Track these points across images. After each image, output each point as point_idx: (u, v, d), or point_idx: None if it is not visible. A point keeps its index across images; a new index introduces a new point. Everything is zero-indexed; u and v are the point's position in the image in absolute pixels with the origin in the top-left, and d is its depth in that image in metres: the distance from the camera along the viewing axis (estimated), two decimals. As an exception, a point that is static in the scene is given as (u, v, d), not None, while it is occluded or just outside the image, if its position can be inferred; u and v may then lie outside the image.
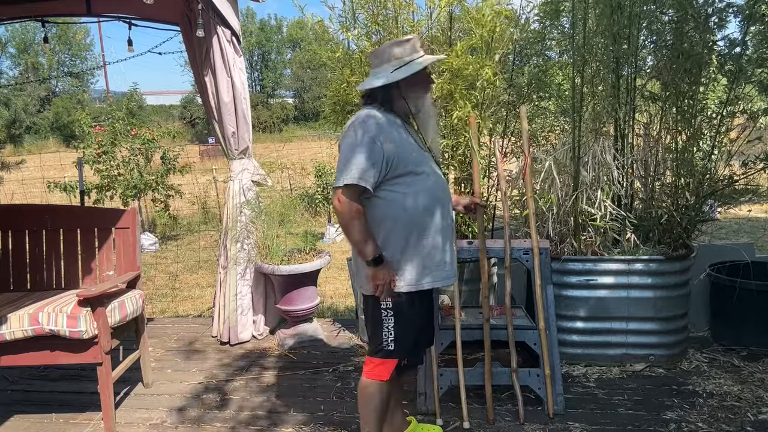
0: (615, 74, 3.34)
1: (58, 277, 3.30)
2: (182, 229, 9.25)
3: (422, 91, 2.22)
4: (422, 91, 2.21)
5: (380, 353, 2.21)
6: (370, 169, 2.06)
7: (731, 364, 3.25)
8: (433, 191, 2.19)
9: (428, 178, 2.18)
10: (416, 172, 2.15)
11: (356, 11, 3.51)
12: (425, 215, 2.18)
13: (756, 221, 6.99)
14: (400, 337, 2.20)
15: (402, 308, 2.19)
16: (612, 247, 3.30)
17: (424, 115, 2.23)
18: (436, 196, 2.20)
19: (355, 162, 2.05)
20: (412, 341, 2.25)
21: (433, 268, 2.20)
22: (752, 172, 3.28)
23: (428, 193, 2.18)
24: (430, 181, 2.18)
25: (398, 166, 2.11)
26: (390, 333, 2.19)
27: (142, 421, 2.90)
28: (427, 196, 2.17)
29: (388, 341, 2.19)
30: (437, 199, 2.20)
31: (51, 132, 33.02)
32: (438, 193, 2.22)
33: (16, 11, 4.02)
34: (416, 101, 2.20)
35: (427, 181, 2.18)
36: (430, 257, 2.19)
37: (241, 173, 3.81)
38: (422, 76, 2.21)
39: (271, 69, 43.98)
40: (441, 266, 2.22)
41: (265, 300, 3.98)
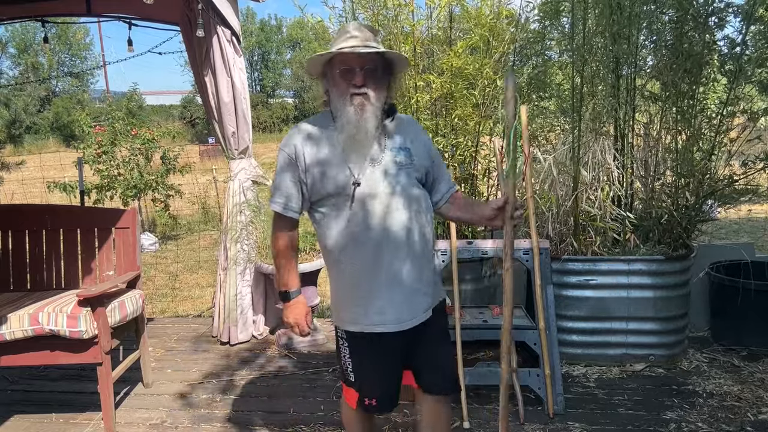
0: (615, 74, 3.34)
1: (58, 277, 3.30)
2: (182, 229, 9.25)
3: (336, 92, 1.81)
4: (337, 93, 1.81)
5: (343, 379, 2.02)
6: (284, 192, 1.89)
7: (731, 364, 3.25)
8: (354, 225, 1.82)
9: (349, 206, 1.81)
10: (338, 197, 1.82)
11: (356, 11, 3.51)
12: (340, 253, 1.86)
13: (756, 221, 6.98)
14: (358, 370, 1.95)
15: (351, 342, 1.95)
16: (612, 247, 3.30)
17: (340, 124, 1.80)
18: (357, 231, 1.81)
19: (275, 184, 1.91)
20: (373, 379, 1.95)
21: (359, 312, 1.88)
22: (752, 172, 3.28)
23: (346, 227, 1.83)
24: (351, 211, 1.81)
25: (316, 188, 1.85)
26: (347, 362, 1.96)
27: (142, 421, 2.90)
28: (344, 230, 1.83)
29: (348, 370, 1.97)
30: (359, 235, 1.82)
31: (51, 132, 33.00)
32: (360, 229, 1.81)
33: (16, 11, 4.01)
34: (334, 103, 1.84)
35: (347, 210, 1.82)
36: (354, 300, 1.89)
37: (240, 173, 3.81)
38: (333, 75, 1.82)
39: (271, 69, 43.96)
40: (368, 314, 1.86)
41: (265, 300, 3.98)
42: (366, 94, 1.78)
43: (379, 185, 1.82)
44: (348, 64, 1.78)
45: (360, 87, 1.77)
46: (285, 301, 1.96)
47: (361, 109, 1.78)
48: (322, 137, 1.86)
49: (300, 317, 1.95)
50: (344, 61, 1.79)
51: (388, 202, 1.82)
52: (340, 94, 1.80)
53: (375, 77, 1.80)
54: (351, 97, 1.78)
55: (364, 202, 1.81)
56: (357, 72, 1.77)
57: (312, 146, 1.85)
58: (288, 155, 1.86)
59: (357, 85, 1.77)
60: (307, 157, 1.84)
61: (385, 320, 1.86)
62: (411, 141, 1.91)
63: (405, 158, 1.87)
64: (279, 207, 1.89)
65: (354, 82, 1.77)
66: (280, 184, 1.89)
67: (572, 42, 3.31)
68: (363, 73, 1.78)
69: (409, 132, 1.94)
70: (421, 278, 1.89)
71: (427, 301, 1.92)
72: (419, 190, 1.90)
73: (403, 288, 1.85)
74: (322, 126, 1.89)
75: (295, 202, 1.89)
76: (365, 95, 1.78)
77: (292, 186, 1.87)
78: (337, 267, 1.89)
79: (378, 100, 1.81)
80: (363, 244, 1.82)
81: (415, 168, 1.89)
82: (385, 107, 1.85)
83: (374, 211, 1.81)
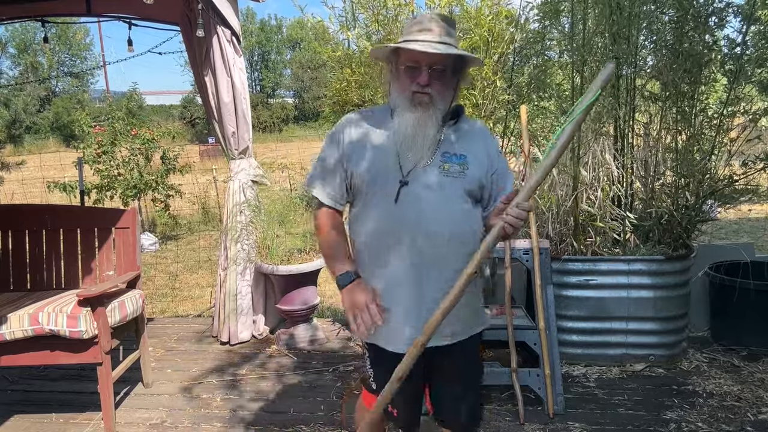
0: (615, 74, 3.34)
1: (58, 277, 3.30)
2: (182, 229, 9.25)
3: (398, 87, 1.68)
4: (398, 88, 1.68)
5: (365, 384, 1.94)
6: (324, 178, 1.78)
7: (731, 364, 3.25)
8: (386, 228, 1.68)
9: (385, 200, 1.67)
10: (374, 190, 1.70)
11: (356, 11, 3.51)
12: (368, 257, 1.74)
13: (756, 221, 6.98)
14: (378, 381, 1.83)
15: (371, 353, 1.83)
16: (612, 247, 3.30)
17: (398, 122, 1.67)
18: (388, 237, 1.67)
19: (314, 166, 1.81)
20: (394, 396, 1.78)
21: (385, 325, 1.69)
22: (752, 172, 3.28)
23: (376, 229, 1.70)
24: (385, 213, 1.68)
25: (357, 178, 1.73)
26: (369, 370, 1.87)
27: (142, 421, 2.90)
28: (375, 232, 1.71)
29: (370, 378, 1.87)
30: (390, 242, 1.67)
31: (51, 132, 33.02)
32: (392, 235, 1.67)
33: (16, 11, 4.01)
34: (393, 98, 1.71)
35: (381, 211, 1.69)
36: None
37: (240, 173, 3.81)
38: (398, 69, 1.68)
39: (271, 69, 43.98)
40: (385, 331, 1.70)
41: (265, 300, 3.98)
42: (430, 95, 1.63)
43: (420, 192, 1.66)
44: (415, 61, 1.62)
45: (424, 87, 1.62)
46: (341, 288, 1.71)
47: (422, 110, 1.64)
48: (374, 130, 1.73)
49: (361, 302, 1.65)
50: (411, 56, 1.62)
51: (426, 212, 1.66)
52: (402, 90, 1.66)
53: (443, 78, 1.65)
54: (413, 95, 1.64)
55: (402, 206, 1.66)
56: (423, 70, 1.62)
57: (361, 137, 1.73)
58: (335, 142, 1.75)
59: (421, 84, 1.62)
60: (354, 147, 1.72)
61: (397, 340, 1.71)
62: (469, 150, 1.73)
63: (456, 167, 1.69)
64: (320, 194, 1.77)
65: (418, 81, 1.62)
66: (321, 170, 1.77)
67: (572, 42, 3.32)
68: (430, 72, 1.62)
69: (471, 139, 1.75)
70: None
71: (455, 327, 1.73)
72: (467, 204, 1.71)
73: (427, 308, 1.64)
74: (378, 119, 1.75)
75: (336, 190, 1.76)
76: (429, 96, 1.63)
77: (334, 174, 1.75)
78: (363, 271, 1.75)
79: (442, 102, 1.66)
80: (392, 253, 1.68)
81: (466, 180, 1.69)
82: (449, 109, 1.70)
83: (409, 219, 1.66)
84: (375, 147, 1.71)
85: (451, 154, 1.70)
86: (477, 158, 1.72)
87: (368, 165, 1.70)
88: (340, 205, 1.78)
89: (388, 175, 1.68)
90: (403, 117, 1.65)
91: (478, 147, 1.75)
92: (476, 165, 1.72)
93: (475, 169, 1.71)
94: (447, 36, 1.64)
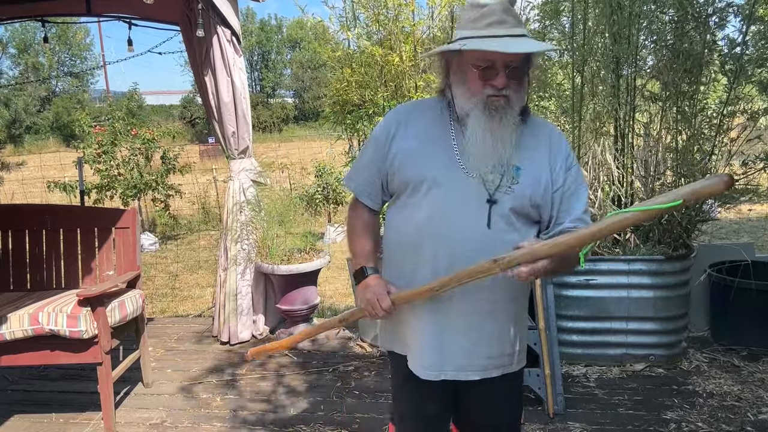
0: (615, 74, 3.34)
1: (58, 277, 3.30)
2: (182, 229, 9.25)
3: (466, 90, 1.44)
4: (466, 91, 1.44)
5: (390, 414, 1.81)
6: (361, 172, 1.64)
7: (731, 364, 3.25)
8: (417, 236, 1.49)
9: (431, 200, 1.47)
10: (418, 190, 1.49)
11: (357, 11, 3.51)
12: (399, 258, 1.57)
13: (756, 221, 6.98)
14: (396, 402, 1.74)
15: (392, 361, 1.70)
16: (612, 247, 3.30)
17: (472, 131, 1.43)
18: (426, 233, 1.48)
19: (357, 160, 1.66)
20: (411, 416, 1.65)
21: (404, 337, 1.59)
22: (752, 172, 3.28)
23: (409, 238, 1.52)
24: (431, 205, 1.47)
25: (396, 177, 1.54)
26: (391, 385, 1.75)
27: (142, 421, 2.90)
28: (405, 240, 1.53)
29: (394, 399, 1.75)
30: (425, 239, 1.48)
31: (51, 132, 33.02)
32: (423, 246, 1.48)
33: (16, 11, 4.01)
34: (460, 102, 1.46)
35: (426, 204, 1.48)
36: (402, 323, 1.59)
37: (240, 173, 3.81)
38: (463, 67, 1.43)
39: (271, 69, 43.98)
40: (413, 346, 1.55)
41: (265, 300, 3.98)
42: (507, 97, 1.41)
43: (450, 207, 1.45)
44: (489, 61, 1.38)
45: (501, 89, 1.40)
46: (358, 282, 1.60)
47: (499, 115, 1.41)
48: (432, 127, 1.52)
49: (372, 296, 1.52)
50: (484, 55, 1.38)
51: (461, 234, 1.44)
52: (473, 95, 1.42)
53: (519, 76, 1.44)
54: (487, 99, 1.41)
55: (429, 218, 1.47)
56: (500, 71, 1.39)
57: (414, 131, 1.52)
58: (380, 135, 1.56)
59: (498, 88, 1.40)
60: (404, 143, 1.52)
61: (423, 364, 1.53)
62: (525, 158, 1.46)
63: (503, 180, 1.43)
64: (355, 187, 1.63)
65: (494, 83, 1.40)
66: (360, 164, 1.63)
67: (572, 42, 3.31)
68: (507, 72, 1.40)
69: (531, 146, 1.49)
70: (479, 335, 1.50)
71: (487, 362, 1.53)
72: (511, 230, 1.45)
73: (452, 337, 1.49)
74: (435, 115, 1.53)
75: (373, 188, 1.61)
76: (506, 99, 1.41)
77: (373, 170, 1.58)
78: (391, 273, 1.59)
79: (518, 104, 1.45)
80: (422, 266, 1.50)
81: (514, 196, 1.44)
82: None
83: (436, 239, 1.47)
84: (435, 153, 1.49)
85: (499, 164, 1.45)
86: (533, 172, 1.46)
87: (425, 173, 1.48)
88: (374, 205, 1.64)
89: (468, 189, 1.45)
90: (478, 123, 1.42)
91: (538, 157, 1.48)
92: (530, 180, 1.45)
93: (527, 185, 1.45)
94: (520, 26, 1.40)
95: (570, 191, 1.48)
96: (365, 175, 1.61)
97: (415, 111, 1.58)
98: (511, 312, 1.54)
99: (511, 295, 1.52)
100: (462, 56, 1.43)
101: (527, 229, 1.48)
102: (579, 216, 1.46)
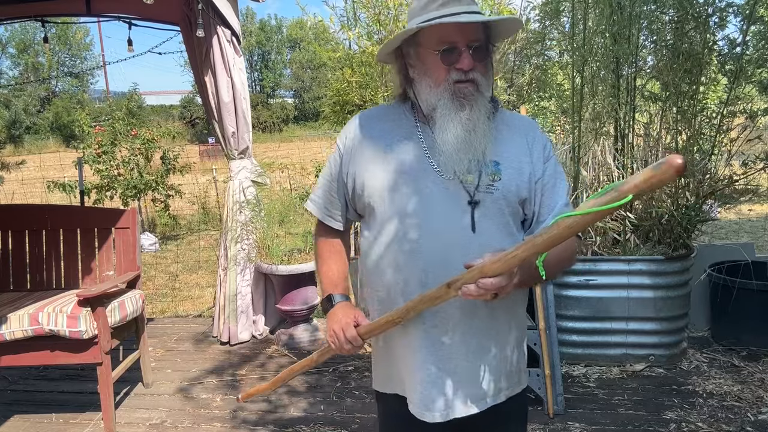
0: (615, 74, 3.34)
1: (58, 277, 3.30)
2: (182, 229, 9.24)
3: (429, 81, 1.29)
4: (430, 82, 1.29)
5: None
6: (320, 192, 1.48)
7: (731, 364, 3.25)
8: (399, 253, 1.32)
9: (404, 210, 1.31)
10: (382, 213, 1.34)
11: (357, 11, 3.51)
12: (376, 280, 1.39)
13: (756, 221, 6.98)
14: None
15: (380, 406, 1.54)
16: (612, 247, 3.30)
17: (441, 126, 1.28)
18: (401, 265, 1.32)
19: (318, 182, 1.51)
20: None
21: (399, 374, 1.41)
22: (752, 172, 3.28)
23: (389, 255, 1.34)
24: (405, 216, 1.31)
25: (360, 192, 1.38)
26: None
27: (142, 421, 2.90)
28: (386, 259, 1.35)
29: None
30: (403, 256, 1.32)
31: (51, 132, 33.04)
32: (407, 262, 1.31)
33: (16, 11, 4.01)
34: (425, 96, 1.30)
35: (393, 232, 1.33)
36: (395, 358, 1.41)
37: (240, 173, 3.81)
38: (423, 56, 1.29)
39: (271, 69, 44.00)
40: (412, 384, 1.36)
41: (265, 300, 3.97)
42: (475, 82, 1.27)
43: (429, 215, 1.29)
44: (449, 41, 1.24)
45: (468, 72, 1.25)
46: (325, 312, 1.48)
47: (469, 103, 1.26)
48: (395, 132, 1.36)
49: (337, 327, 1.39)
50: (444, 35, 1.25)
51: (444, 242, 1.29)
52: (436, 84, 1.27)
53: (483, 57, 1.29)
54: (455, 87, 1.26)
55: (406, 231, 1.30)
56: (463, 51, 1.24)
57: (375, 142, 1.37)
58: (338, 149, 1.43)
59: (465, 71, 1.25)
60: (362, 154, 1.37)
61: (419, 405, 1.35)
62: (503, 152, 1.32)
63: (482, 177, 1.29)
64: (319, 211, 1.49)
65: (459, 66, 1.25)
66: (319, 183, 1.49)
67: (572, 42, 3.31)
68: (471, 52, 1.25)
69: (507, 138, 1.34)
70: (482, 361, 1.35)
71: (494, 387, 1.38)
72: (501, 232, 1.31)
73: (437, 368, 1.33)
74: (398, 119, 1.38)
75: (334, 208, 1.46)
76: (474, 84, 1.27)
77: (333, 188, 1.45)
78: (372, 306, 1.44)
79: (488, 89, 1.31)
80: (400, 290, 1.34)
81: (498, 194, 1.30)
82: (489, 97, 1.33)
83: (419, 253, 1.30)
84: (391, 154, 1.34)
85: (478, 161, 1.30)
86: (514, 164, 1.32)
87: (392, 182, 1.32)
88: (337, 224, 1.49)
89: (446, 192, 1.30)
90: (448, 118, 1.26)
91: (516, 148, 1.34)
92: (512, 173, 1.31)
93: (510, 180, 1.31)
94: (474, 5, 1.28)
95: (550, 184, 1.35)
96: (326, 194, 1.46)
97: (374, 118, 1.42)
98: (512, 326, 1.39)
99: (510, 309, 1.37)
100: (420, 45, 1.29)
101: (519, 229, 1.35)
102: (560, 211, 1.29)
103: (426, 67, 1.29)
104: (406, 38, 1.31)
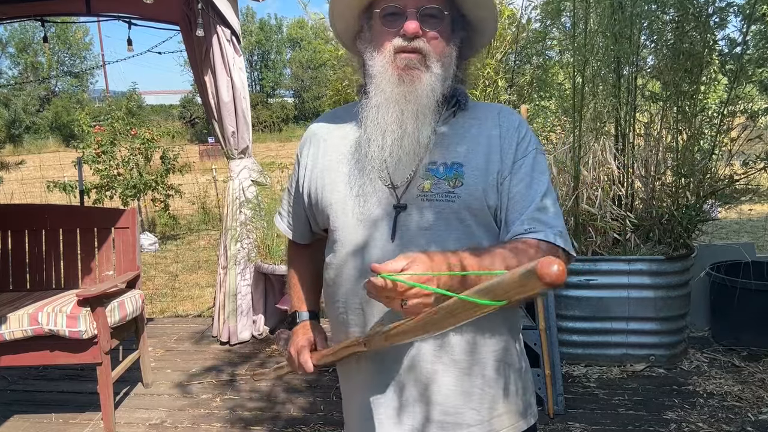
0: (616, 74, 3.34)
1: (57, 277, 3.29)
2: (182, 228, 9.24)
3: (376, 54, 1.09)
4: (376, 56, 1.09)
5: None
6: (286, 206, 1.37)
7: (731, 364, 3.25)
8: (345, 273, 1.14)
9: (344, 245, 1.13)
10: (333, 227, 1.16)
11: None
12: (329, 303, 1.24)
13: (756, 221, 6.98)
14: None
15: None
16: (612, 247, 3.30)
17: (372, 104, 1.08)
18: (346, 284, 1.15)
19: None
20: None
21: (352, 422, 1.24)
22: (753, 171, 3.28)
23: (338, 275, 1.17)
24: (345, 251, 1.13)
25: (316, 208, 1.21)
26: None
27: (142, 421, 2.90)
28: (337, 279, 1.17)
29: None
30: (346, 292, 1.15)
31: (50, 132, 33.03)
32: (348, 282, 1.14)
33: (16, 11, 4.01)
34: (370, 71, 1.10)
35: (341, 250, 1.14)
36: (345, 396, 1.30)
37: (240, 173, 3.81)
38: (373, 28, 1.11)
39: (271, 69, 43.99)
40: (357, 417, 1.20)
41: (265, 299, 3.97)
42: (419, 50, 1.05)
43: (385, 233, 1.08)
44: (398, 7, 1.05)
45: (413, 39, 1.04)
46: (290, 327, 1.39)
47: (410, 77, 1.04)
48: (341, 135, 1.20)
49: (293, 349, 1.30)
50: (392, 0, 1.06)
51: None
52: (379, 53, 1.08)
53: (439, 24, 1.07)
54: (395, 56, 1.06)
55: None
56: (408, 14, 1.04)
57: (323, 148, 1.21)
58: (296, 161, 1.28)
59: (408, 36, 1.04)
60: (312, 163, 1.21)
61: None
62: (469, 151, 1.09)
63: (443, 184, 1.07)
64: (283, 224, 1.39)
65: (403, 31, 1.04)
66: (285, 196, 1.38)
67: (573, 42, 3.31)
68: (418, 15, 1.05)
69: (474, 133, 1.11)
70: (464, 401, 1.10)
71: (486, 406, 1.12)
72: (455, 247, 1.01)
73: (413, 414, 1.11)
74: (353, 117, 1.18)
75: (298, 222, 1.33)
76: (420, 55, 1.05)
77: (294, 202, 1.32)
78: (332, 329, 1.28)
79: (442, 67, 1.07)
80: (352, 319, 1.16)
81: (463, 203, 1.06)
82: (448, 87, 1.09)
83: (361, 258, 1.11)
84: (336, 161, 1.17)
85: (439, 164, 1.08)
86: (479, 162, 1.08)
87: (333, 187, 1.16)
88: (301, 240, 1.36)
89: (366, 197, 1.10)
90: (380, 93, 1.06)
91: (483, 140, 1.10)
92: (478, 174, 1.08)
93: (477, 185, 1.07)
94: None
95: (524, 183, 1.08)
96: (289, 208, 1.34)
97: (329, 122, 1.25)
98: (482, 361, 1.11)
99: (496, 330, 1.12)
100: (372, 18, 1.10)
101: (492, 236, 1.10)
102: (531, 215, 1.05)
103: (373, 36, 1.10)
104: (363, 11, 1.13)
